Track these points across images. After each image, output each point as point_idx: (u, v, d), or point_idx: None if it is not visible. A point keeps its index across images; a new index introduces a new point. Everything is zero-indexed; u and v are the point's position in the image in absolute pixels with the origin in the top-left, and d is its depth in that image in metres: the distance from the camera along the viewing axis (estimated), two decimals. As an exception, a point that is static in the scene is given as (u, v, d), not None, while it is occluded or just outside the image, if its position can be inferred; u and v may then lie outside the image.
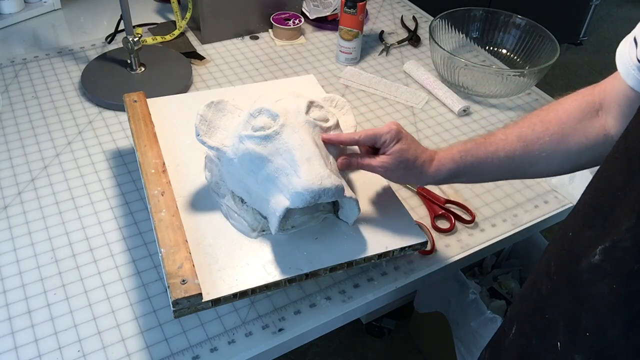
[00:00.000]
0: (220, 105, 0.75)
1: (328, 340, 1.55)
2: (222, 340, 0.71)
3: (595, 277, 0.43)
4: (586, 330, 0.44)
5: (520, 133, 0.67)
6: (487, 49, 1.27)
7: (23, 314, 0.72)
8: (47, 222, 0.84)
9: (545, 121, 0.66)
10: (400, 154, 0.69)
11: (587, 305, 0.44)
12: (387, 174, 0.72)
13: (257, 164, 0.68)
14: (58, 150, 0.96)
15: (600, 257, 0.43)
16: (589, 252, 0.44)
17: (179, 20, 1.25)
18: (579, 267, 0.45)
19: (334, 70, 1.21)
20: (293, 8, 1.32)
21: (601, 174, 0.47)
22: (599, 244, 0.43)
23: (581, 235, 0.46)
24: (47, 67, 1.15)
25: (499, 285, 1.35)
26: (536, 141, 0.65)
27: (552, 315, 0.48)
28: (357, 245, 0.72)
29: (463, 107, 1.10)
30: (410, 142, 0.70)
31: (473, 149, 0.69)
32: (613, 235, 0.42)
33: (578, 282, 0.45)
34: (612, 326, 0.42)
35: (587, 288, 0.44)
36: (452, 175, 0.71)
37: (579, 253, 0.45)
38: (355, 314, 0.78)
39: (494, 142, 0.68)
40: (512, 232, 0.89)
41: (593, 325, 0.43)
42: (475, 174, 0.70)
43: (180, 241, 0.68)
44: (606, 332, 0.42)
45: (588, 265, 0.44)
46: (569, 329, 0.46)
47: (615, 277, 0.42)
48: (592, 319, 0.43)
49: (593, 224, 0.45)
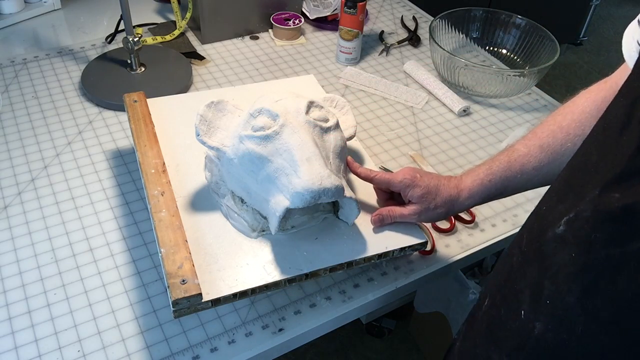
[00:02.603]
0: (220, 105, 0.75)
1: (328, 340, 1.55)
2: (222, 340, 0.71)
3: (559, 246, 0.45)
4: (547, 299, 0.45)
5: (542, 144, 0.66)
6: (487, 49, 1.27)
7: (23, 314, 0.72)
8: (47, 222, 0.84)
9: (564, 127, 0.65)
10: (424, 197, 0.70)
11: (549, 274, 0.45)
12: (422, 219, 0.72)
13: (257, 164, 0.68)
14: (58, 150, 0.96)
15: (564, 227, 0.44)
16: (556, 224, 0.45)
17: (179, 20, 1.25)
18: (545, 237, 0.46)
19: (334, 70, 1.21)
20: (293, 8, 1.32)
21: (579, 152, 0.49)
22: (565, 215, 0.44)
23: (553, 209, 0.47)
24: (47, 67, 1.15)
25: (499, 285, 1.35)
26: (560, 149, 0.65)
27: (519, 285, 0.50)
28: (357, 245, 0.72)
29: (463, 107, 1.10)
30: (428, 182, 0.70)
31: (499, 171, 0.68)
32: (577, 206, 0.43)
33: (544, 252, 0.46)
34: (569, 293, 0.43)
35: (551, 258, 0.45)
36: (484, 200, 0.71)
37: (547, 225, 0.47)
38: (355, 314, 0.78)
39: (519, 159, 0.68)
40: (512, 232, 0.89)
41: (553, 293, 0.45)
42: (505, 193, 0.70)
43: (180, 241, 0.68)
44: (564, 299, 0.43)
45: (553, 236, 0.45)
46: (533, 297, 0.47)
47: (575, 246, 0.43)
48: (552, 287, 0.45)
49: (565, 199, 0.46)
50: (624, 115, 0.42)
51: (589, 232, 0.42)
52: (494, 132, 1.08)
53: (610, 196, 0.40)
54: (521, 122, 1.11)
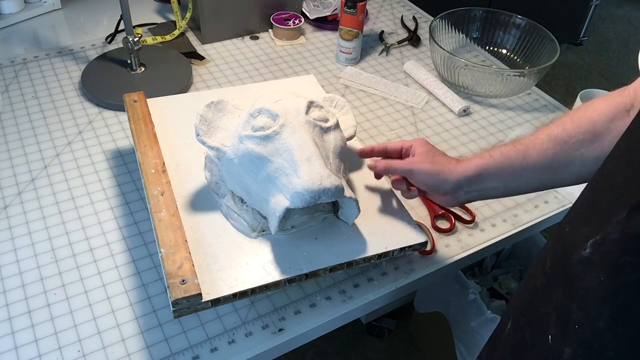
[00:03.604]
0: (220, 105, 0.75)
1: (328, 340, 1.55)
2: (222, 340, 0.71)
3: (586, 270, 0.44)
4: (575, 323, 0.44)
5: (550, 132, 0.65)
6: (487, 49, 1.27)
7: (23, 314, 0.72)
8: (47, 222, 0.84)
9: (575, 119, 0.64)
10: (426, 150, 0.72)
11: (577, 298, 0.44)
12: (415, 171, 0.71)
13: (257, 164, 0.68)
14: (58, 150, 0.96)
15: (591, 250, 0.43)
16: (581, 246, 0.44)
17: (179, 20, 1.25)
18: (571, 260, 0.45)
19: (334, 70, 1.21)
20: (293, 8, 1.32)
21: (601, 172, 0.47)
22: (591, 238, 0.44)
23: (577, 231, 0.46)
24: (47, 67, 1.15)
25: (499, 285, 1.35)
26: (568, 140, 0.64)
27: (545, 309, 0.48)
28: (357, 245, 0.72)
29: (463, 107, 1.10)
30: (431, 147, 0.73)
31: (501, 148, 0.68)
32: (604, 229, 0.42)
33: (570, 275, 0.45)
34: (599, 318, 0.42)
35: (578, 281, 0.44)
36: (481, 173, 0.68)
37: (572, 247, 0.46)
38: (355, 314, 0.78)
39: (524, 142, 0.67)
40: (512, 232, 0.89)
41: (582, 318, 0.44)
42: (505, 175, 0.68)
43: (180, 241, 0.68)
44: (594, 324, 0.42)
45: (579, 259, 0.44)
46: (560, 322, 0.46)
47: (604, 270, 0.42)
48: (581, 312, 0.44)
49: (589, 221, 0.45)
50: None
51: (617, 255, 0.41)
52: (494, 132, 1.08)
53: (638, 219, 0.40)
54: (521, 122, 1.11)
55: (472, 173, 0.69)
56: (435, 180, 0.70)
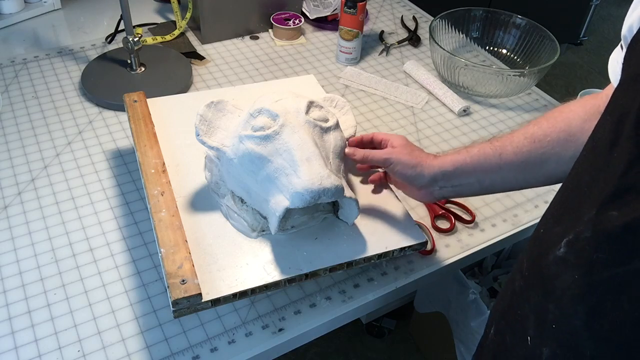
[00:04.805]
0: (220, 105, 0.75)
1: (328, 340, 1.55)
2: (222, 340, 0.71)
3: (560, 269, 0.44)
4: (552, 323, 0.45)
5: (527, 131, 0.67)
6: (487, 49, 1.27)
7: (23, 314, 0.72)
8: (47, 222, 0.84)
9: (550, 118, 0.66)
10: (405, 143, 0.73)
11: (553, 298, 0.45)
12: (393, 160, 0.71)
13: (256, 164, 0.68)
14: (58, 150, 0.96)
15: (565, 249, 0.44)
16: (556, 246, 0.45)
17: (179, 20, 1.25)
18: (546, 261, 0.46)
19: (334, 70, 1.21)
20: (293, 8, 1.32)
21: (572, 172, 0.48)
22: (564, 237, 0.44)
23: (551, 231, 0.47)
24: (47, 67, 1.15)
25: (499, 285, 1.35)
26: (543, 138, 0.65)
27: (523, 311, 0.49)
28: (356, 245, 0.72)
29: (463, 107, 1.10)
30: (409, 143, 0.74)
31: (477, 145, 0.69)
32: (576, 227, 0.43)
33: (546, 275, 0.46)
34: (575, 317, 0.42)
35: (554, 281, 0.45)
36: (458, 169, 0.69)
37: (547, 248, 0.46)
38: (355, 314, 0.78)
39: (501, 140, 0.68)
40: (512, 232, 0.89)
41: (558, 317, 0.44)
42: (481, 171, 0.68)
43: (180, 241, 0.68)
44: (570, 323, 0.43)
45: (554, 258, 0.45)
46: (538, 322, 0.46)
47: (578, 268, 0.42)
48: (557, 311, 0.44)
49: (562, 221, 0.46)
50: (611, 132, 0.42)
51: (590, 252, 0.41)
52: (494, 132, 1.08)
53: (608, 215, 0.40)
54: (521, 122, 1.11)
55: (448, 167, 0.69)
56: (412, 172, 0.71)
